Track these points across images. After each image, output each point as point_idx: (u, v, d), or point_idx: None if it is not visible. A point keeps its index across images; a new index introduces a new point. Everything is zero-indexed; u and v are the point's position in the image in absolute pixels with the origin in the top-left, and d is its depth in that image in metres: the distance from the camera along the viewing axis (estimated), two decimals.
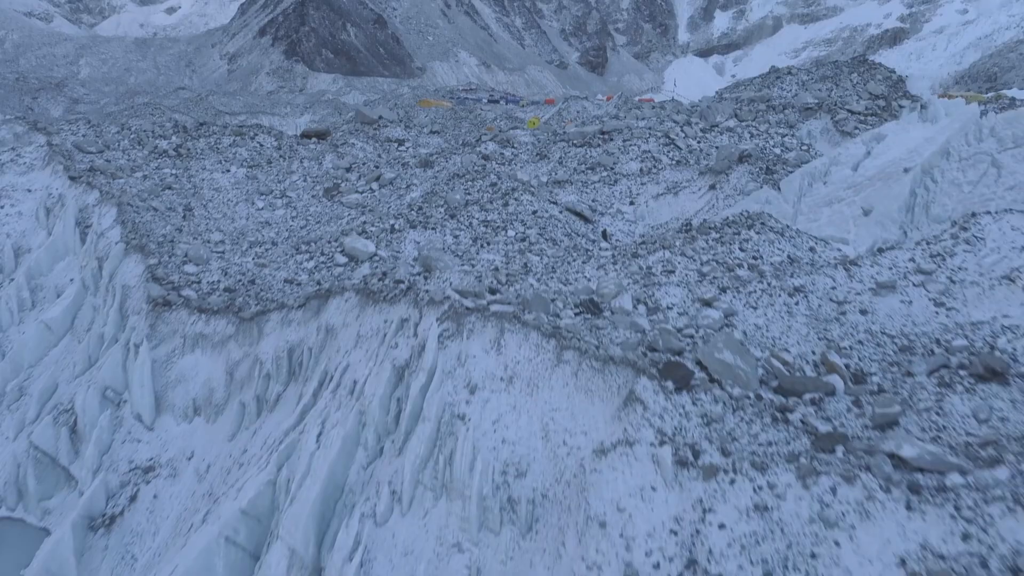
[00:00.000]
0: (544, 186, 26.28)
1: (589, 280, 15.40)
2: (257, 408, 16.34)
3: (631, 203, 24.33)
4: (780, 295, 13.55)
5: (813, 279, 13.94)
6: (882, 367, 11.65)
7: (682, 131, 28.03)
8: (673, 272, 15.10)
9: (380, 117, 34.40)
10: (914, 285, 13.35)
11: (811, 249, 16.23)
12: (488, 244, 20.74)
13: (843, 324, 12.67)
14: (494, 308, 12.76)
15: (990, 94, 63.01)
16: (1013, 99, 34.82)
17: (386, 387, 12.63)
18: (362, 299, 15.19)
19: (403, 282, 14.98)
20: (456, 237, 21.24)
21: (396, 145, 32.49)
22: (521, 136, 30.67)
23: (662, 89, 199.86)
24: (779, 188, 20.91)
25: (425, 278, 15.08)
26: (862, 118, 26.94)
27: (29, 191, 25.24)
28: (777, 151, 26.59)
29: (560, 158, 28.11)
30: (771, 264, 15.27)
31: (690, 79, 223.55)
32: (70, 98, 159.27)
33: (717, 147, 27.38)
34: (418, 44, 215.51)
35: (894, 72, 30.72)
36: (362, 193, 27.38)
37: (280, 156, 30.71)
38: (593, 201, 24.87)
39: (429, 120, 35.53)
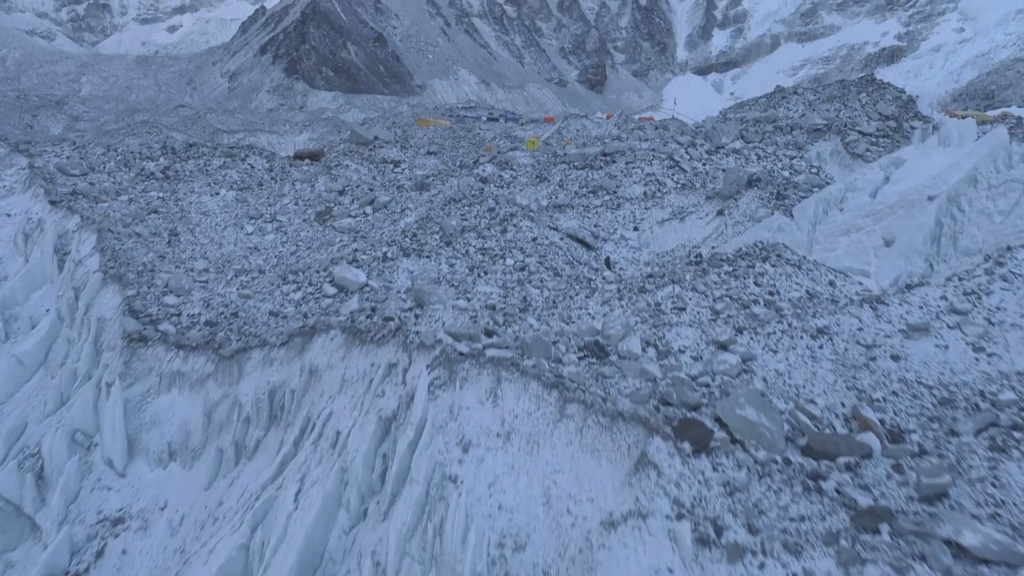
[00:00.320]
0: (544, 210, 25.17)
1: (593, 318, 14.22)
2: (235, 455, 15.09)
3: (635, 229, 23.19)
4: (802, 337, 12.36)
5: (837, 319, 12.75)
6: (921, 423, 10.44)
7: (687, 153, 26.95)
8: (684, 309, 13.93)
9: (376, 138, 33.36)
10: (948, 327, 12.16)
11: (831, 283, 15.06)
12: (485, 273, 19.59)
13: (873, 372, 11.47)
14: (490, 353, 11.56)
15: (994, 112, 62.15)
16: (1020, 118, 33.79)
17: (371, 442, 11.40)
18: (348, 339, 13.98)
19: (393, 319, 13.79)
20: (452, 266, 20.08)
21: (392, 166, 31.40)
22: (520, 157, 29.60)
23: (661, 107, 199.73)
24: (792, 215, 19.78)
25: (416, 316, 13.88)
26: (873, 140, 25.86)
27: (8, 216, 24.11)
28: (786, 174, 25.50)
29: (560, 181, 27.01)
30: (789, 300, 14.09)
31: (689, 97, 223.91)
32: (70, 116, 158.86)
33: (724, 170, 26.29)
34: (418, 62, 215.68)
35: (904, 92, 29.68)
36: (355, 217, 26.25)
37: (272, 178, 29.61)
38: (595, 227, 23.73)
39: (426, 140, 34.50)
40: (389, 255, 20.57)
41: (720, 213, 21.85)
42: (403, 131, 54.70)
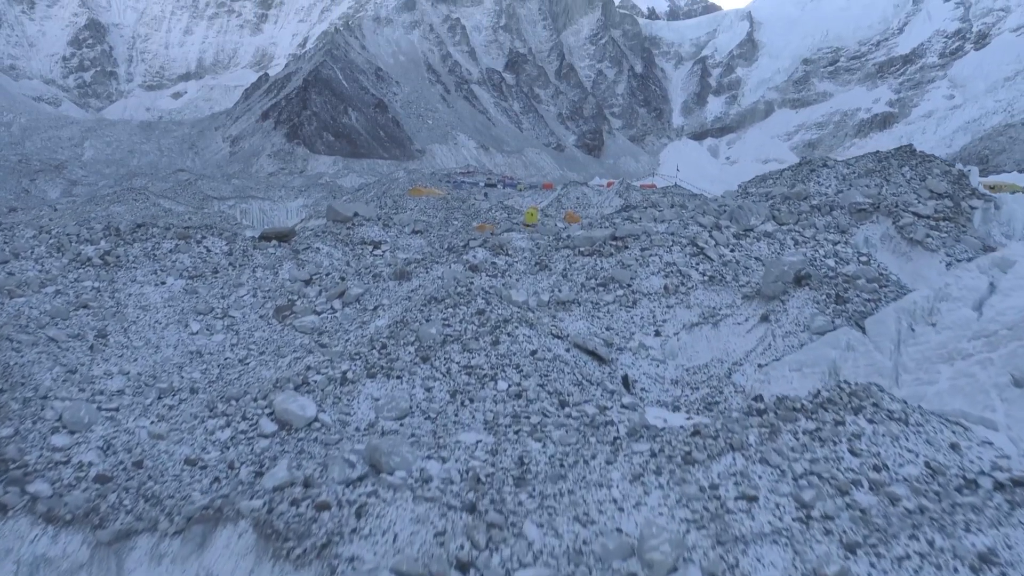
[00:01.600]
0: (545, 307, 20.69)
1: (622, 510, 9.56)
2: None
3: (656, 333, 18.66)
4: (957, 571, 7.70)
5: (1006, 534, 8.10)
6: None
7: (711, 237, 22.69)
8: (755, 500, 9.27)
9: (355, 214, 29.21)
10: None
11: (952, 447, 10.43)
12: (471, 401, 14.96)
13: None
14: None
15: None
16: None
17: None
18: (261, 542, 9.33)
19: (329, 507, 9.22)
20: (428, 391, 15.47)
21: (371, 249, 27.07)
22: (517, 240, 25.31)
23: (659, 171, 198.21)
24: (862, 327, 15.30)
25: (359, 514, 9.23)
26: (932, 223, 21.62)
27: None
28: (830, 262, 21.14)
29: (564, 270, 22.61)
30: (907, 483, 9.44)
31: (685, 162, 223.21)
32: (68, 180, 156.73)
33: (756, 258, 21.93)
34: (418, 127, 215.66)
35: (952, 165, 25.59)
36: (320, 314, 21.75)
37: (230, 264, 25.21)
38: (607, 329, 19.20)
39: (413, 217, 30.31)
40: (350, 375, 15.96)
41: (765, 319, 17.36)
42: (393, 201, 50.77)
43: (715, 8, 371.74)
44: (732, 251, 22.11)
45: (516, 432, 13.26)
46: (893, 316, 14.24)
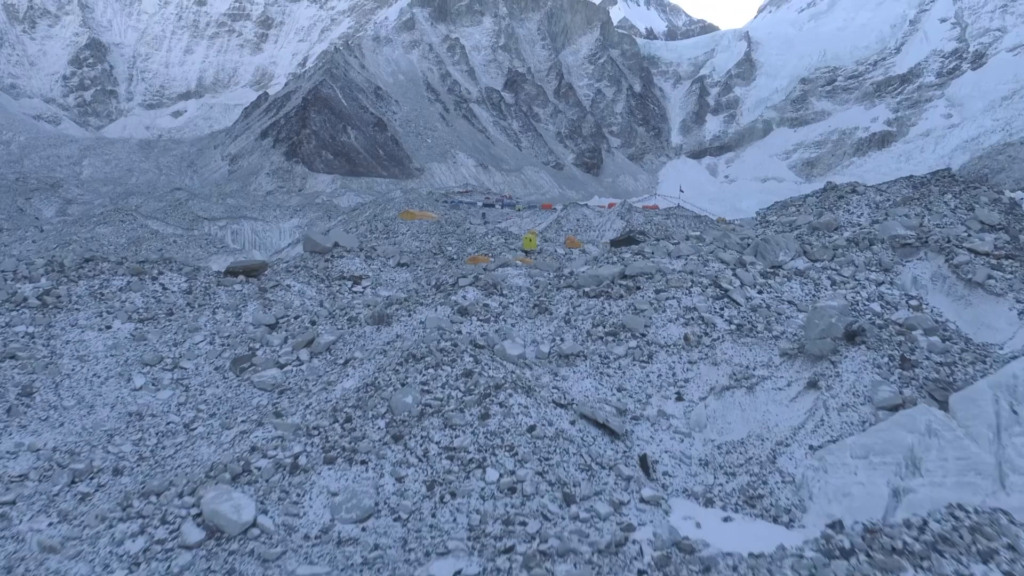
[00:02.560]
0: (545, 360, 17.48)
1: None
2: None
3: (678, 397, 15.42)
4: None
5: None
6: None
7: (735, 276, 19.53)
8: None
9: (335, 244, 26.11)
10: None
11: None
12: (453, 497, 11.76)
13: None
14: None
15: None
16: None
17: None
18: None
19: None
20: (400, 481, 12.26)
21: (350, 285, 23.83)
22: (513, 277, 22.11)
23: (658, 190, 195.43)
24: (942, 403, 12.11)
25: None
26: (993, 262, 18.42)
27: None
28: (875, 306, 17.95)
29: (567, 314, 19.35)
30: None
31: (684, 180, 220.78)
32: (64, 199, 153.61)
33: (790, 301, 18.72)
34: (417, 146, 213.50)
35: (1001, 192, 22.51)
36: (284, 367, 18.49)
37: (188, 304, 21.98)
38: (619, 391, 15.95)
39: (399, 250, 27.15)
40: (303, 460, 12.74)
41: (813, 385, 14.13)
42: (384, 225, 47.65)
43: (712, 28, 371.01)
44: (760, 292, 18.93)
45: (508, 557, 10.02)
46: (988, 394, 11.04)
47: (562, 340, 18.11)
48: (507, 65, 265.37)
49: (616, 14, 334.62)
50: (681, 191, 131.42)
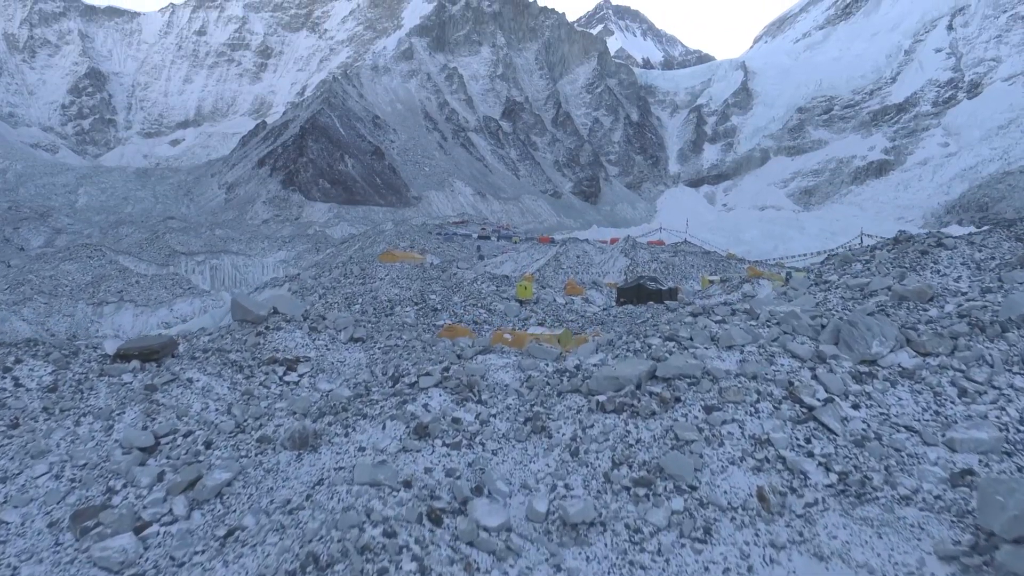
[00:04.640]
0: (542, 528, 10.79)
1: None
2: None
3: None
4: None
5: None
6: None
7: (817, 381, 13.02)
8: None
9: (274, 311, 19.74)
10: None
11: None
12: None
13: None
14: None
15: None
16: None
17: None
18: None
19: None
20: None
21: (281, 373, 17.37)
22: (496, 369, 15.58)
23: (655, 219, 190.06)
24: None
25: None
26: None
27: None
28: None
29: (574, 438, 12.75)
30: None
31: (682, 208, 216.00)
32: (53, 228, 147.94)
33: (907, 427, 12.18)
34: (414, 175, 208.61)
35: None
36: (144, 529, 11.90)
37: (44, 409, 15.52)
38: None
39: (352, 319, 20.69)
40: None
41: None
42: (362, 269, 41.30)
43: (709, 58, 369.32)
44: (861, 410, 12.50)
45: None
46: None
47: (567, 489, 11.57)
48: (505, 94, 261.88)
49: (613, 44, 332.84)
50: (687, 224, 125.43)
